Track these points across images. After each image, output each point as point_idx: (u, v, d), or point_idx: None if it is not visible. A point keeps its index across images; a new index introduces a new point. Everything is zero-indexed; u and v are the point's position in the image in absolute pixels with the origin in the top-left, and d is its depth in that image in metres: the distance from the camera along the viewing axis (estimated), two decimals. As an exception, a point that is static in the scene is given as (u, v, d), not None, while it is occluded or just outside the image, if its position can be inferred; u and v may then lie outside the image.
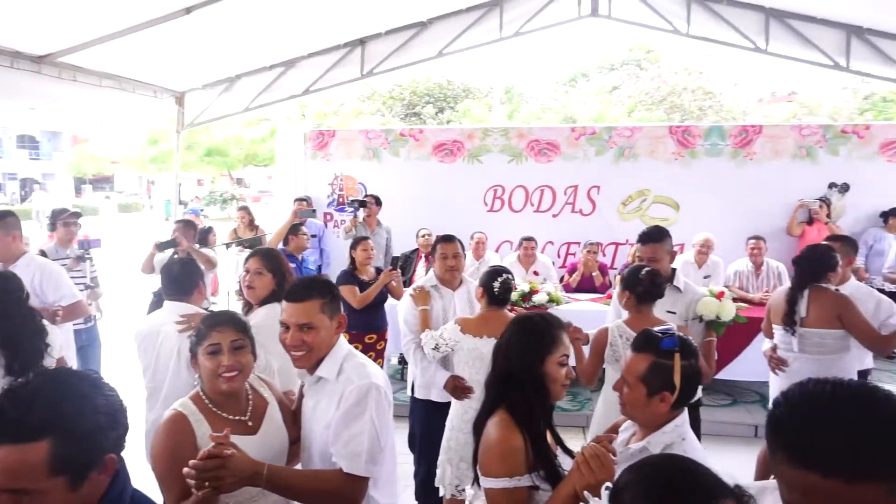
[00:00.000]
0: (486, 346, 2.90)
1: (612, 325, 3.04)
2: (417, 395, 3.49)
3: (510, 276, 3.12)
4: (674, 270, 3.46)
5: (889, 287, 6.04)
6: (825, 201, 6.75)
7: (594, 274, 6.39)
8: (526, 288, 5.65)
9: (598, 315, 5.27)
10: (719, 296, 3.23)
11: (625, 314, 3.07)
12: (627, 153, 7.24)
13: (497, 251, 7.33)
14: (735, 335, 4.50)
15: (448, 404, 3.19)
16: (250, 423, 1.92)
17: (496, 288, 3.02)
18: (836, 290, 3.50)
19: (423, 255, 6.67)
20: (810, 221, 6.70)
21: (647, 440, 1.74)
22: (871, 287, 6.51)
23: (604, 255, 7.22)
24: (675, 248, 7.04)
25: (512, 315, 2.92)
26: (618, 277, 6.22)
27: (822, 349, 3.34)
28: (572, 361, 2.15)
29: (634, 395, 1.76)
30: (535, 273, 6.30)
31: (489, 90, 24.48)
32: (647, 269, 2.96)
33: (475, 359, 3.01)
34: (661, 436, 1.73)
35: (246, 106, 7.42)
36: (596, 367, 3.04)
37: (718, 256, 6.19)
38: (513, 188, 7.47)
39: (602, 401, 3.15)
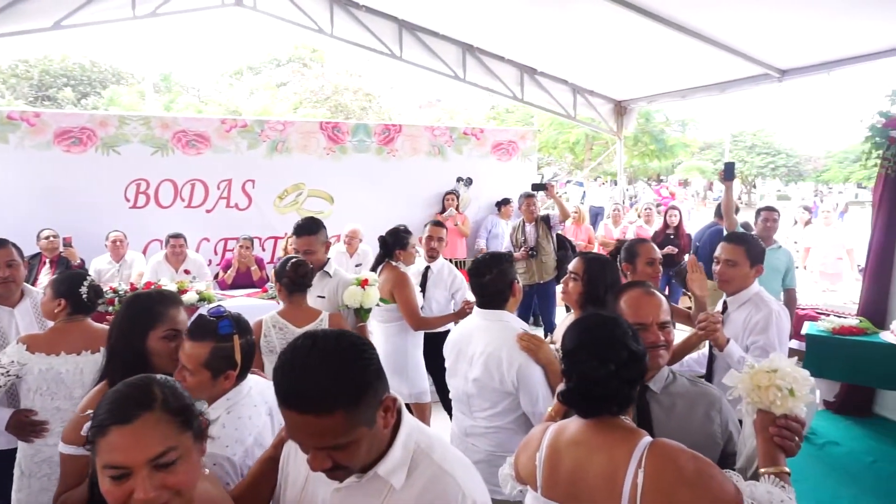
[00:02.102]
0: (66, 364, 2.48)
1: (266, 317, 3.04)
2: None
3: (93, 278, 2.77)
4: (329, 259, 3.62)
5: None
6: (455, 193, 7.80)
7: (252, 268, 6.28)
8: (174, 289, 5.27)
9: (255, 309, 5.19)
10: (363, 283, 3.43)
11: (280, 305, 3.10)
12: (281, 147, 7.28)
13: (145, 251, 6.69)
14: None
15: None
16: None
17: (84, 293, 2.56)
18: (429, 267, 4.12)
19: (46, 260, 5.72)
20: (442, 211, 7.65)
21: None
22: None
23: (263, 249, 7.17)
24: (332, 239, 7.43)
25: (98, 326, 2.62)
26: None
27: (385, 318, 3.83)
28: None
29: (199, 380, 1.76)
30: (186, 272, 5.92)
31: (144, 77, 22.15)
32: (292, 260, 3.02)
33: (50, 382, 2.49)
34: (211, 412, 1.77)
35: None
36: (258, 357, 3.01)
37: (368, 245, 6.65)
38: (159, 182, 6.88)
39: None
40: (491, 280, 2.39)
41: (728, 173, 4.64)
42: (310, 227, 3.46)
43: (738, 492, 1.35)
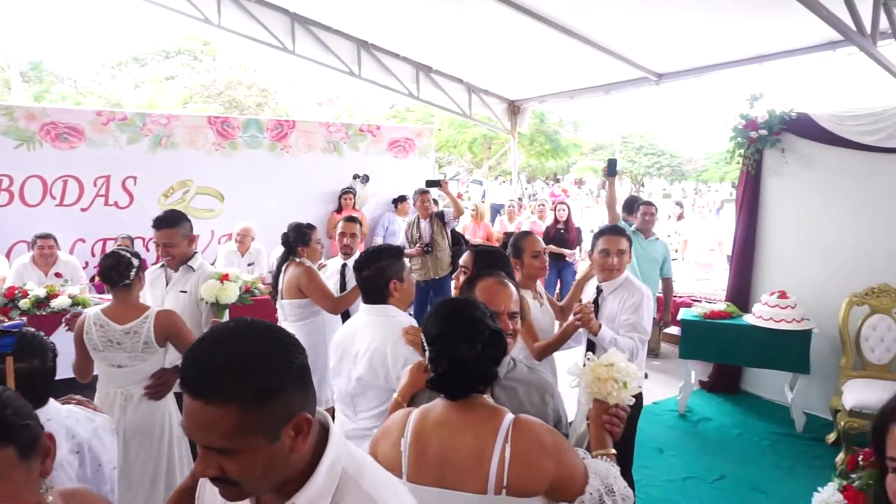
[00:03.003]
0: None
1: (90, 313, 2.89)
2: None
3: None
4: (196, 252, 3.48)
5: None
6: (351, 191, 7.71)
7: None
8: (42, 293, 4.88)
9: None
10: (224, 278, 3.34)
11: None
12: (165, 142, 6.89)
13: (9, 254, 6.13)
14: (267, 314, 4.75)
15: None
16: None
17: None
18: (345, 264, 4.05)
19: None
20: (340, 210, 7.55)
21: None
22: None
23: (147, 250, 6.76)
24: (223, 238, 7.16)
25: None
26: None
27: (298, 317, 3.72)
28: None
29: None
30: (58, 275, 5.49)
31: (9, 65, 20.25)
32: (108, 253, 2.88)
33: None
34: None
35: None
36: (83, 357, 2.84)
37: (261, 244, 6.45)
38: (25, 178, 6.29)
39: None
40: (369, 276, 2.35)
41: (611, 170, 4.88)
42: (169, 220, 3.32)
43: (585, 466, 1.50)
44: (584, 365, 1.73)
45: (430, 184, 6.48)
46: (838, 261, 4.89)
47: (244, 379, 0.97)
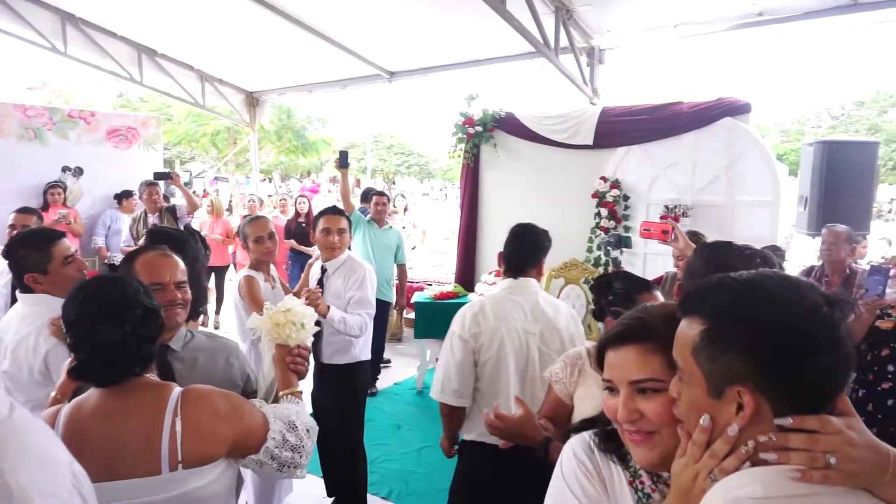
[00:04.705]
0: None
1: None
2: None
3: None
4: None
5: (117, 262, 6.56)
6: (60, 185, 6.74)
7: None
8: None
9: None
10: None
11: None
12: None
13: None
14: None
15: None
16: None
17: None
18: None
19: None
20: (46, 207, 6.55)
21: None
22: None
23: None
24: None
25: None
26: None
27: None
28: None
29: None
30: None
31: None
32: None
33: None
34: None
35: None
36: None
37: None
38: None
39: None
40: (10, 267, 2.27)
41: (342, 161, 5.00)
42: None
43: (264, 415, 1.53)
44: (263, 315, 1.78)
45: (159, 176, 5.98)
46: (540, 241, 5.67)
47: None
